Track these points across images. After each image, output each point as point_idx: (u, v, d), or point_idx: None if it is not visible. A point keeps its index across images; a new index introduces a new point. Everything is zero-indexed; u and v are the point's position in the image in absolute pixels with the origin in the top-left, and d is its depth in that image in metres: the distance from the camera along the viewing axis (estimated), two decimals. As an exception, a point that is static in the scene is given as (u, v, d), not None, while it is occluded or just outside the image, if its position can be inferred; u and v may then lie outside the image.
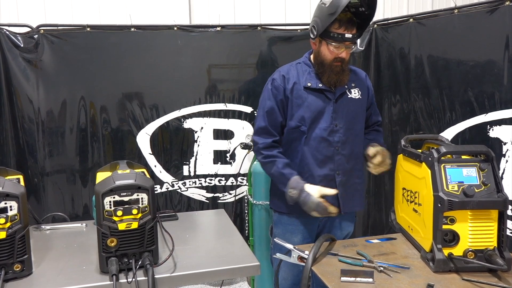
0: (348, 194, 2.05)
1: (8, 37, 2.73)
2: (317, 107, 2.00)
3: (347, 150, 2.02)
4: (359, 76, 2.15)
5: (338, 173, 2.01)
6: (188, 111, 3.04)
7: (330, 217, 2.08)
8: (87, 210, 2.96)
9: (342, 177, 2.02)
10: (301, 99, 2.01)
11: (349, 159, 2.03)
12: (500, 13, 2.27)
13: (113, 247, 1.43)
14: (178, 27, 2.95)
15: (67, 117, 2.88)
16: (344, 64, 1.98)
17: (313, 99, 2.00)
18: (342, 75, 1.99)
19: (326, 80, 1.99)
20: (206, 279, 1.65)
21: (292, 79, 2.03)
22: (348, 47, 1.95)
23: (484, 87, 2.36)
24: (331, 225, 2.12)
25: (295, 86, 2.01)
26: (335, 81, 1.98)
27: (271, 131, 2.04)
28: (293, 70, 2.07)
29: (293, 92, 2.01)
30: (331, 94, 2.02)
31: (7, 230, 1.40)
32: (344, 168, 2.02)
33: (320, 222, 2.11)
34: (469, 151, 1.55)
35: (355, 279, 1.40)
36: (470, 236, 1.44)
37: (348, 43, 1.94)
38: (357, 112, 2.07)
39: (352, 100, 2.05)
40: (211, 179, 3.14)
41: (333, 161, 2.01)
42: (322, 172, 2.00)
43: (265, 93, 2.08)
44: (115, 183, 1.44)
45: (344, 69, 1.99)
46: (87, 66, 2.86)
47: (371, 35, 3.08)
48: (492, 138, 2.34)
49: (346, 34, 1.90)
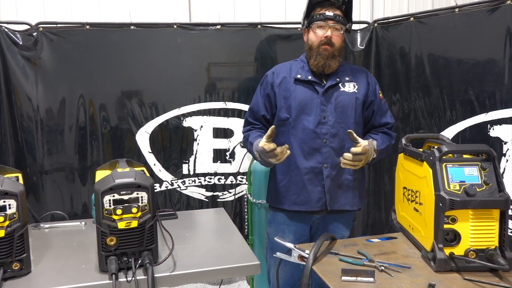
0: (336, 190, 2.01)
1: (7, 35, 2.72)
2: (304, 98, 2.00)
3: (336, 143, 1.99)
4: (359, 72, 2.13)
5: (326, 166, 1.99)
6: (187, 109, 3.03)
7: (323, 219, 2.08)
8: (86, 209, 2.96)
9: (331, 171, 1.99)
10: (289, 91, 2.03)
11: (339, 153, 1.97)
12: (501, 12, 2.27)
13: (112, 246, 1.42)
14: (178, 25, 2.94)
15: (66, 115, 2.86)
16: (334, 49, 1.97)
17: (300, 90, 2.02)
18: (330, 60, 1.97)
19: (313, 63, 2.00)
20: (206, 278, 1.64)
21: (282, 74, 2.07)
22: (334, 28, 1.96)
23: (485, 86, 2.36)
24: (324, 227, 2.09)
25: (284, 80, 2.06)
26: (322, 65, 1.98)
27: (252, 122, 2.13)
28: (287, 66, 2.11)
29: (281, 85, 2.05)
30: (320, 86, 2.01)
31: (6, 228, 1.39)
32: (333, 161, 1.99)
33: (313, 223, 2.10)
34: (471, 150, 1.55)
35: (356, 279, 1.39)
36: (472, 235, 1.43)
37: (332, 23, 1.95)
38: (349, 105, 2.02)
39: (344, 93, 2.02)
40: (210, 178, 3.13)
41: (320, 153, 1.99)
42: (308, 164, 2.00)
43: (256, 90, 2.17)
44: (115, 182, 1.43)
45: (334, 55, 1.98)
46: (86, 64, 2.85)
47: (372, 33, 3.07)
48: (493, 137, 2.34)
49: (327, 12, 1.95)
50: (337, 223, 2.09)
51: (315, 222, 2.09)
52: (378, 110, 2.11)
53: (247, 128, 2.16)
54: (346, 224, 2.12)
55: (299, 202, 2.02)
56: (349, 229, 2.14)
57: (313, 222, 2.09)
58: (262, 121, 2.12)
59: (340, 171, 2.01)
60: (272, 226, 2.15)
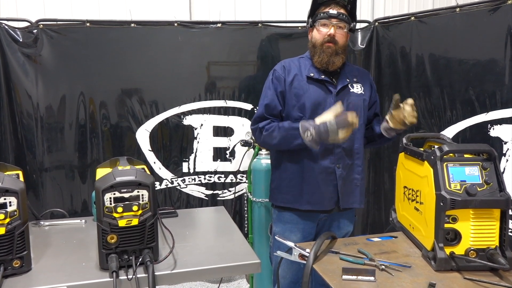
0: (347, 189, 2.04)
1: (7, 32, 2.71)
2: (317, 97, 1.99)
3: (347, 144, 2.00)
4: (362, 73, 2.16)
5: (338, 166, 2.01)
6: (188, 107, 3.03)
7: (329, 216, 2.09)
8: (85, 206, 2.95)
9: (343, 171, 2.02)
10: (302, 90, 2.01)
11: (349, 154, 2.02)
12: (502, 12, 2.27)
13: (113, 243, 1.42)
14: (178, 23, 2.94)
15: (66, 112, 2.86)
16: (338, 47, 1.97)
17: (314, 90, 2.00)
18: (334, 57, 1.97)
19: (317, 60, 1.99)
20: (206, 276, 1.63)
21: (293, 70, 2.04)
22: (338, 27, 1.96)
23: (485, 86, 2.36)
24: (330, 224, 2.11)
25: (296, 77, 2.02)
26: (326, 62, 1.97)
27: (269, 118, 2.04)
28: (295, 62, 2.09)
29: (294, 82, 2.02)
30: (333, 86, 2.01)
31: (7, 226, 1.38)
32: (344, 161, 2.02)
33: (319, 220, 2.10)
34: (472, 150, 1.55)
35: (357, 278, 1.39)
36: (472, 235, 1.44)
37: (336, 21, 1.95)
38: (358, 107, 2.03)
39: (353, 94, 2.04)
40: (210, 176, 3.13)
41: (333, 153, 2.00)
42: (322, 164, 2.00)
43: (266, 84, 2.10)
44: (116, 180, 1.43)
45: (337, 52, 1.98)
46: (86, 61, 2.84)
47: (372, 33, 3.07)
48: (493, 137, 2.34)
49: (330, 10, 1.95)
50: (342, 219, 2.12)
51: (322, 220, 2.10)
52: (377, 109, 2.20)
53: (266, 122, 2.03)
54: (350, 220, 2.16)
55: (313, 201, 2.02)
56: (352, 224, 2.18)
57: (319, 220, 2.10)
58: (279, 118, 2.06)
59: (350, 171, 2.04)
60: (278, 225, 2.14)
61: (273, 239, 2.19)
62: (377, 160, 3.18)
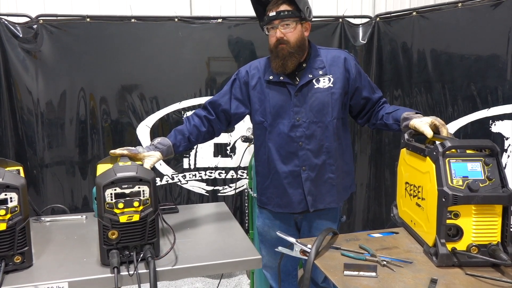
0: (320, 190, 1.99)
1: (6, 27, 2.70)
2: (277, 101, 1.95)
3: (313, 145, 1.95)
4: (335, 60, 1.97)
5: (304, 168, 1.96)
6: (188, 103, 3.02)
7: (305, 216, 2.08)
8: (86, 202, 2.96)
9: (310, 172, 1.96)
10: (264, 94, 1.98)
11: (317, 154, 1.95)
12: (504, 7, 2.26)
13: (114, 239, 1.42)
14: (179, 19, 2.93)
15: (67, 108, 2.86)
16: (290, 47, 1.87)
17: (274, 94, 1.96)
18: (287, 60, 1.88)
19: (274, 66, 1.93)
20: (207, 272, 1.63)
21: (257, 74, 2.01)
22: (284, 26, 1.87)
23: (487, 82, 2.36)
24: (309, 224, 2.09)
25: (259, 81, 2.00)
26: (279, 66, 1.90)
27: (208, 108, 2.03)
28: (262, 63, 2.04)
29: (257, 87, 2.00)
30: (293, 87, 1.94)
31: (8, 221, 1.38)
32: (311, 163, 1.96)
33: (295, 219, 2.12)
34: (474, 146, 1.54)
35: (359, 273, 1.39)
36: (474, 231, 1.43)
37: (278, 22, 1.87)
38: (325, 103, 1.93)
39: (319, 90, 1.93)
40: (211, 172, 3.13)
41: (297, 156, 1.96)
42: (287, 168, 1.98)
43: (227, 84, 2.09)
44: (116, 175, 1.43)
45: (291, 53, 1.88)
46: (86, 57, 2.83)
47: (374, 28, 3.06)
48: (494, 133, 2.34)
49: (269, 13, 1.89)
50: (320, 220, 2.07)
51: (298, 219, 2.11)
52: (370, 89, 2.02)
53: (198, 112, 2.04)
54: (333, 219, 2.10)
55: (282, 204, 2.03)
56: (336, 223, 2.12)
57: (296, 219, 2.11)
58: (219, 115, 2.04)
59: (321, 171, 1.98)
60: (259, 220, 2.21)
61: (258, 233, 2.26)
62: (378, 156, 3.18)
